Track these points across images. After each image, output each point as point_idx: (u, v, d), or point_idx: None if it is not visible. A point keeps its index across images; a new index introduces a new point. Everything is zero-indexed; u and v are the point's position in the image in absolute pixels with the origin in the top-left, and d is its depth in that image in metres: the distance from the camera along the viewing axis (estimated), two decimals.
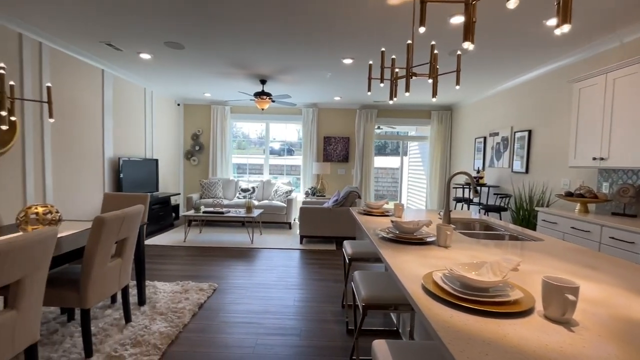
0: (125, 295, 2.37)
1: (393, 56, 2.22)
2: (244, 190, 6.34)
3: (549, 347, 0.71)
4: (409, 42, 1.91)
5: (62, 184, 3.75)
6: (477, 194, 1.98)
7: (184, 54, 3.85)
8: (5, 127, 2.00)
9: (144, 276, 2.69)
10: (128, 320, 2.39)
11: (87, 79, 4.10)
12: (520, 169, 4.30)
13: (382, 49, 2.29)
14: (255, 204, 5.97)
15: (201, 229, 5.71)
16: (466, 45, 1.26)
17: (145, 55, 3.92)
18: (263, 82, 4.95)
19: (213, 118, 6.78)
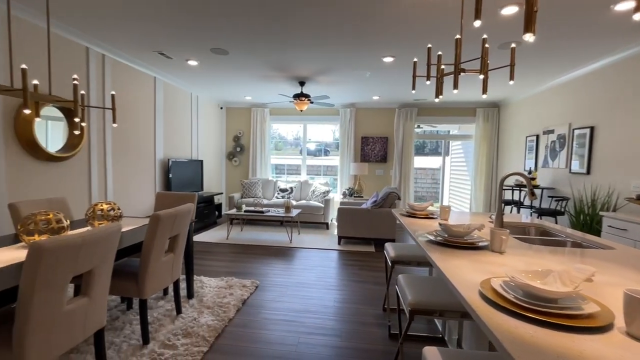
0: (177, 289, 2.52)
1: (439, 52, 2.13)
2: (282, 190, 6.48)
3: None
4: (458, 36, 1.82)
5: (120, 184, 4.09)
6: (534, 196, 1.84)
7: (227, 59, 4.02)
8: (78, 132, 2.23)
9: (192, 271, 2.85)
10: (179, 312, 2.54)
11: (142, 86, 4.43)
12: (579, 170, 3.93)
13: (429, 45, 2.21)
14: (294, 203, 6.06)
15: (242, 227, 5.92)
16: (527, 37, 1.18)
17: (193, 62, 4.15)
18: (302, 83, 5.02)
19: (253, 120, 7.01)
